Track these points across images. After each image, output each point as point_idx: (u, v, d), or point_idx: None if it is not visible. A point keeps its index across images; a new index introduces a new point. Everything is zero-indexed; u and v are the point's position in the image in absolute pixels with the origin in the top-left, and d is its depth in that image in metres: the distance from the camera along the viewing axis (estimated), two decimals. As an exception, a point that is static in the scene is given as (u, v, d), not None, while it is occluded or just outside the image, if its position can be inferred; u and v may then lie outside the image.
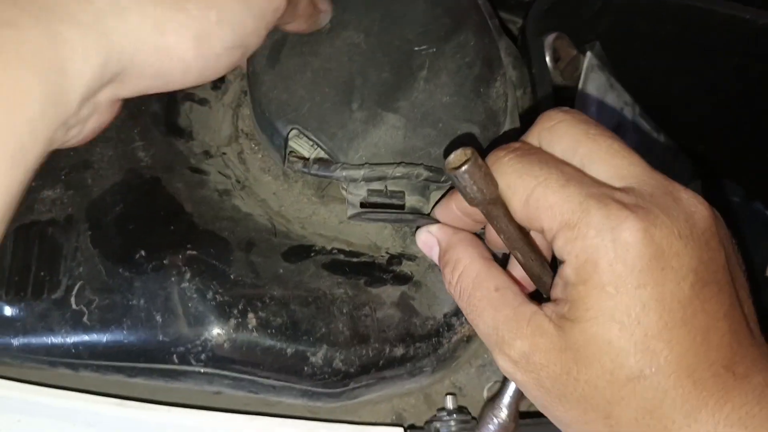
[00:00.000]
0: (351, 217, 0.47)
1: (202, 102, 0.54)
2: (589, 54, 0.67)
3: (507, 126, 0.53)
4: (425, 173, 0.46)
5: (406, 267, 0.50)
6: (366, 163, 0.46)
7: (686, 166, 0.83)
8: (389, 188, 0.47)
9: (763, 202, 0.85)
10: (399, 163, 0.47)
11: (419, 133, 0.48)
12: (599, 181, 0.34)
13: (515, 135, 0.53)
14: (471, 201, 0.35)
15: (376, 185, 0.47)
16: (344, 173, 0.45)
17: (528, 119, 0.61)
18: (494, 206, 0.35)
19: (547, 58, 0.66)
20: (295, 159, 0.47)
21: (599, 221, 0.31)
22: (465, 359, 0.53)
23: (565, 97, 0.67)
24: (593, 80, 0.68)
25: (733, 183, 0.85)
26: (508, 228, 0.36)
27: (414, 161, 0.48)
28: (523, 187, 0.34)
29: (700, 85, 0.76)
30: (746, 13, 0.66)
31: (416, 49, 0.50)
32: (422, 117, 0.49)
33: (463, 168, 0.33)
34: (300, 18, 0.44)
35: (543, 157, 0.35)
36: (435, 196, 0.50)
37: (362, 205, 0.47)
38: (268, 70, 0.49)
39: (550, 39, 0.67)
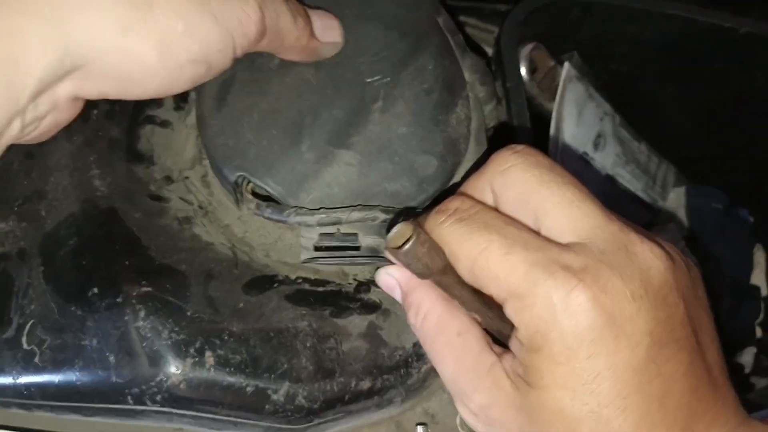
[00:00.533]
0: (305, 262, 0.46)
1: (164, 124, 0.52)
2: (567, 65, 0.66)
3: (471, 150, 0.52)
4: (382, 215, 0.45)
5: (374, 294, 0.49)
6: (321, 208, 0.45)
7: (670, 173, 0.82)
8: (342, 231, 0.46)
9: (747, 208, 0.84)
10: (355, 206, 0.45)
11: (374, 168, 0.47)
12: (547, 241, 0.32)
13: (481, 162, 0.51)
14: (419, 276, 0.35)
15: (330, 228, 0.46)
16: (297, 219, 0.44)
17: (499, 136, 0.60)
18: (443, 275, 0.34)
19: (523, 70, 0.64)
20: (250, 198, 0.46)
21: (546, 292, 0.30)
22: (437, 386, 0.52)
23: (541, 111, 0.65)
24: (571, 91, 0.66)
25: (716, 189, 0.84)
26: (462, 293, 0.35)
27: (370, 198, 0.46)
28: (465, 256, 0.33)
29: (683, 91, 0.75)
30: (727, 22, 0.65)
31: (368, 80, 0.48)
32: (377, 151, 0.47)
33: (405, 248, 0.33)
34: (291, 50, 0.43)
35: (485, 219, 0.34)
36: None
37: (316, 248, 0.46)
38: (214, 113, 0.47)
39: (526, 50, 0.65)
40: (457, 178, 0.51)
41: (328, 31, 0.45)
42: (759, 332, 0.80)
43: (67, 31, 0.31)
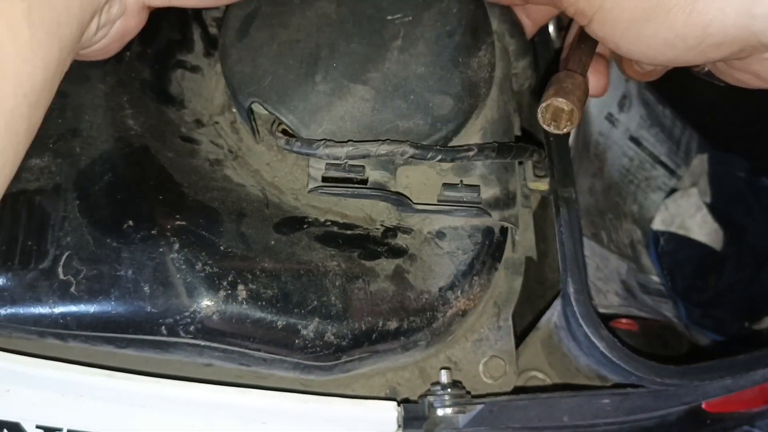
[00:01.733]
0: (311, 191, 0.46)
1: (195, 69, 0.53)
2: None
3: (494, 97, 0.52)
4: (411, 151, 0.45)
5: (401, 240, 0.49)
6: (349, 141, 0.45)
7: (693, 139, 0.82)
8: (349, 162, 0.46)
9: (769, 177, 0.84)
10: (384, 141, 0.45)
11: (389, 105, 0.47)
12: None
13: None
14: None
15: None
16: (327, 151, 0.45)
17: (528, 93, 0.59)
18: None
19: (551, 26, 0.64)
20: (279, 135, 0.46)
21: None
22: (461, 334, 0.52)
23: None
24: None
25: (738, 158, 0.84)
26: None
27: (381, 134, 0.47)
28: None
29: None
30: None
31: (389, 18, 0.48)
32: (393, 89, 0.47)
33: None
34: None
35: None
36: (401, 170, 0.49)
37: (324, 179, 0.46)
38: (235, 43, 0.48)
39: (554, 8, 0.65)
40: (474, 121, 0.51)
41: None
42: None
43: None
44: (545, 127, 0.43)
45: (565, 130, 0.43)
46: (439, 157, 0.46)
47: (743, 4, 0.34)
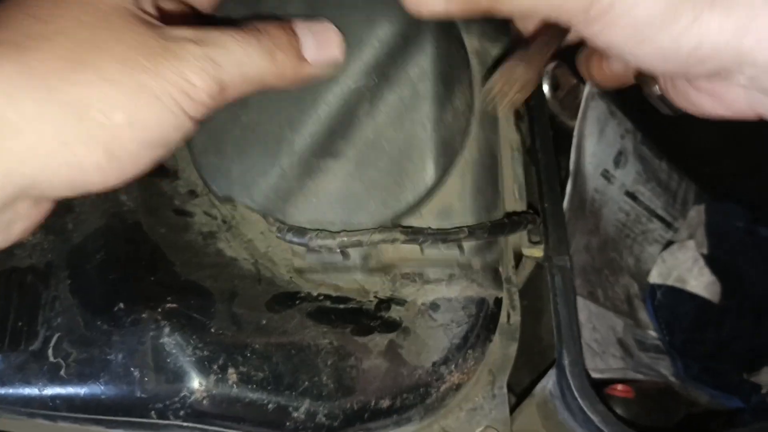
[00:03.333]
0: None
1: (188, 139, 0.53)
2: (589, 83, 0.66)
3: (474, 135, 0.52)
4: (402, 237, 0.45)
5: (395, 312, 0.49)
6: (343, 231, 0.45)
7: (690, 190, 0.82)
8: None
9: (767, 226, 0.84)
10: (376, 229, 0.45)
11: (361, 176, 0.46)
12: None
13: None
14: None
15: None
16: (319, 242, 0.44)
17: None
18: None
19: (546, 88, 0.64)
20: (272, 221, 0.46)
21: None
22: (455, 404, 0.52)
23: (563, 128, 0.65)
24: (593, 109, 0.66)
25: (737, 207, 0.83)
26: None
27: (357, 207, 0.47)
28: None
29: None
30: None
31: (353, 86, 0.46)
32: (364, 159, 0.46)
33: None
34: (278, 85, 0.38)
35: None
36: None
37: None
38: (200, 129, 0.47)
39: (549, 67, 0.65)
40: (453, 174, 0.51)
41: (325, 50, 0.40)
42: (778, 353, 0.79)
43: (5, 160, 0.29)
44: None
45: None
46: (430, 241, 0.46)
47: (740, 20, 0.34)
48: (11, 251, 0.45)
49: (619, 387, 0.57)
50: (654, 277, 0.77)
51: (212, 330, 0.43)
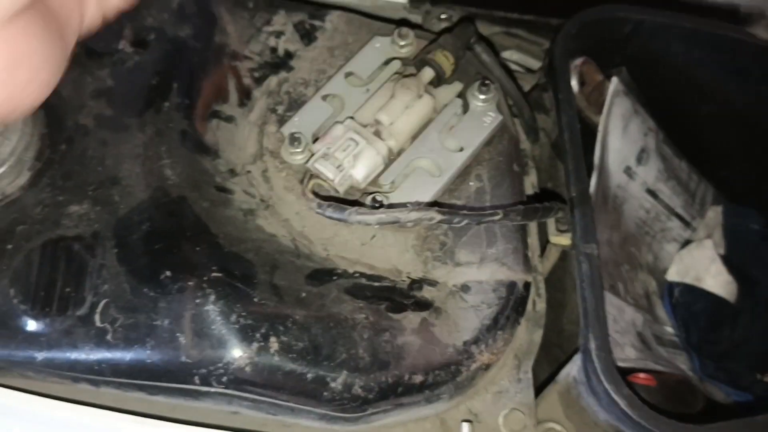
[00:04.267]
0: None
1: (229, 119, 0.54)
2: (614, 79, 0.67)
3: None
4: (438, 216, 0.46)
5: (426, 293, 0.50)
6: (378, 206, 0.47)
7: (708, 191, 0.83)
8: None
9: (785, 230, 0.85)
10: (413, 207, 0.47)
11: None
12: None
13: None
14: None
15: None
16: (358, 218, 0.46)
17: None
18: None
19: (573, 83, 0.65)
20: (311, 197, 0.47)
21: None
22: (482, 386, 0.53)
23: (588, 123, 0.66)
24: (618, 106, 0.67)
25: (754, 211, 0.84)
26: None
27: None
28: None
29: (728, 111, 0.76)
30: (775, 44, 0.66)
31: None
32: None
33: None
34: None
35: None
36: None
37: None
38: None
39: (576, 63, 0.66)
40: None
41: None
42: (793, 353, 0.80)
43: None
44: None
45: None
46: (466, 221, 0.47)
47: None
48: (57, 221, 0.46)
49: (642, 375, 0.58)
50: (672, 275, 0.78)
51: (255, 299, 0.44)
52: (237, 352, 0.42)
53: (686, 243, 0.80)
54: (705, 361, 0.75)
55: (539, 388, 0.58)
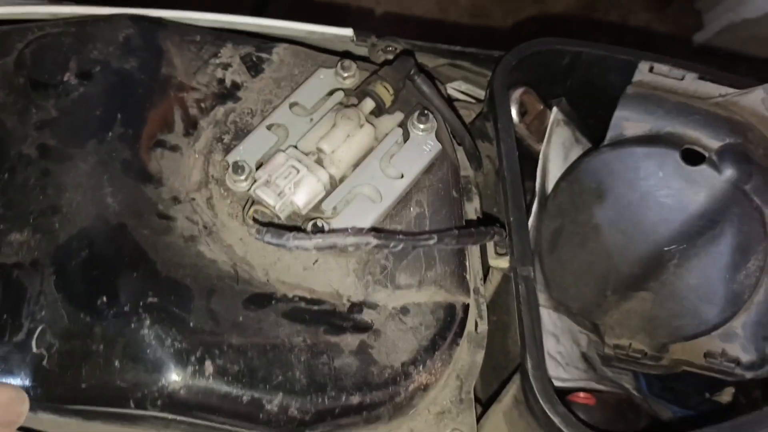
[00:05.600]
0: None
1: (174, 148, 0.55)
2: (555, 109, 0.70)
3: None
4: (374, 242, 0.48)
5: (366, 315, 0.51)
6: (318, 232, 0.48)
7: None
8: None
9: None
10: (349, 232, 0.48)
11: (664, 307, 0.62)
12: None
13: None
14: None
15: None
16: (296, 243, 0.47)
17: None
18: None
19: (513, 112, 0.68)
20: (251, 223, 0.48)
21: None
22: (423, 406, 0.54)
23: (529, 151, 0.69)
24: (558, 134, 0.70)
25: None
26: None
27: (657, 327, 0.63)
28: None
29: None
30: (707, 74, 0.69)
31: (666, 249, 0.63)
32: (669, 295, 0.62)
33: None
34: None
35: None
36: None
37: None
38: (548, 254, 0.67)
39: (517, 93, 0.69)
40: (734, 322, 0.63)
41: None
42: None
43: None
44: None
45: None
46: (401, 245, 0.49)
47: None
48: (-1, 249, 0.47)
49: (581, 394, 0.59)
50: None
51: (191, 324, 0.45)
52: (172, 376, 0.43)
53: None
54: (651, 381, 0.76)
55: (486, 407, 0.59)
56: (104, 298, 0.44)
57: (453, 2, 1.76)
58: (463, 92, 0.79)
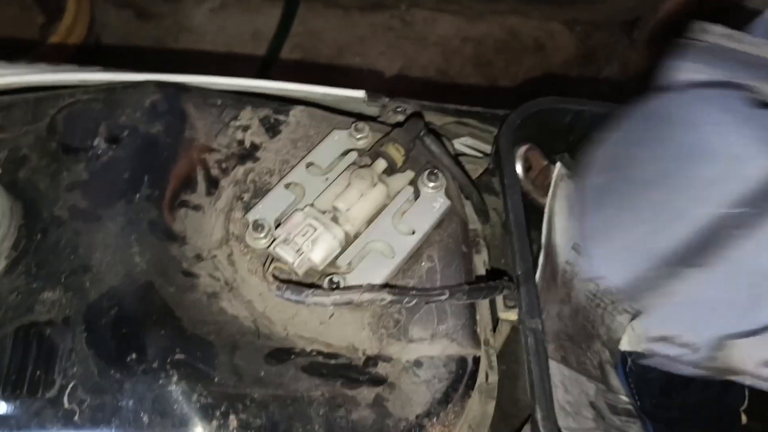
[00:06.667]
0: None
1: (197, 208, 0.58)
2: (558, 164, 0.73)
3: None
4: (389, 297, 0.50)
5: (381, 369, 0.53)
6: (334, 287, 0.51)
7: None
8: None
9: None
10: (365, 289, 0.51)
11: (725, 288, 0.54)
12: None
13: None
14: None
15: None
16: (314, 299, 0.49)
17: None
18: None
19: (519, 168, 0.71)
20: (271, 280, 0.51)
21: None
22: (437, 457, 0.55)
23: (534, 205, 0.71)
24: (563, 188, 0.73)
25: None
26: None
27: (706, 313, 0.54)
28: None
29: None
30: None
31: (727, 212, 0.51)
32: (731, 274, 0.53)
33: None
34: None
35: None
36: None
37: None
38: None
39: (522, 150, 0.72)
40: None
41: None
42: (744, 418, 0.83)
43: None
44: None
45: None
46: (415, 301, 0.51)
47: None
48: (31, 307, 0.49)
49: (590, 444, 0.61)
50: (624, 345, 0.81)
51: (215, 379, 0.47)
52: (198, 430, 0.45)
53: (637, 314, 0.84)
54: (658, 427, 0.77)
55: (497, 457, 0.61)
56: (134, 355, 0.47)
57: (457, 52, 1.82)
58: (469, 146, 0.82)
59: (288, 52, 1.69)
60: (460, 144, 0.82)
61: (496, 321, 0.64)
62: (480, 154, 0.82)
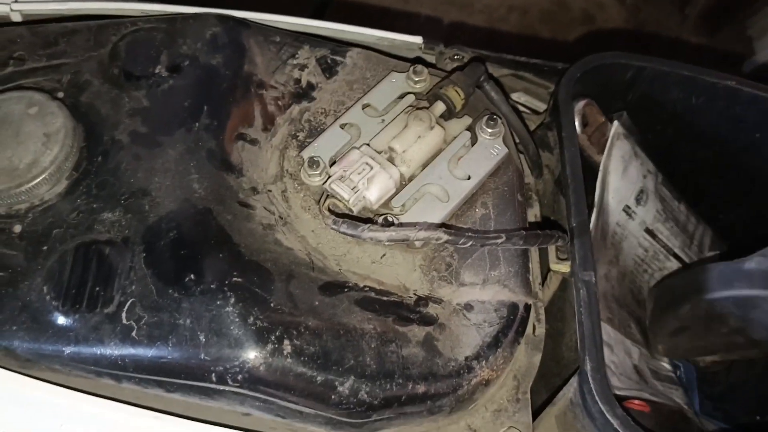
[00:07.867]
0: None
1: (253, 142, 0.58)
2: (616, 122, 0.71)
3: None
4: (445, 236, 0.50)
5: (432, 309, 0.53)
6: (392, 224, 0.50)
7: (707, 234, 0.86)
8: None
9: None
10: (422, 227, 0.50)
11: None
12: None
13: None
14: None
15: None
16: (370, 234, 0.49)
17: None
18: None
19: (576, 123, 0.69)
20: (327, 214, 0.51)
21: None
22: (481, 403, 0.55)
23: (589, 162, 0.70)
24: (618, 148, 0.71)
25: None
26: None
27: None
28: None
29: (722, 156, 0.79)
30: (769, 93, 0.69)
31: None
32: None
33: None
34: None
35: None
36: None
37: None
38: None
39: (580, 105, 0.70)
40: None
41: None
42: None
43: None
44: None
45: None
46: (471, 242, 0.51)
47: None
48: (91, 226, 0.50)
49: (636, 402, 0.60)
50: (670, 314, 0.80)
51: (272, 305, 0.47)
52: (252, 353, 0.45)
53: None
54: (704, 401, 0.76)
55: (536, 414, 0.60)
56: (192, 276, 0.47)
57: (503, 20, 1.79)
58: (522, 104, 0.81)
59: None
60: (513, 100, 0.81)
61: (544, 275, 0.63)
62: (530, 112, 0.81)
